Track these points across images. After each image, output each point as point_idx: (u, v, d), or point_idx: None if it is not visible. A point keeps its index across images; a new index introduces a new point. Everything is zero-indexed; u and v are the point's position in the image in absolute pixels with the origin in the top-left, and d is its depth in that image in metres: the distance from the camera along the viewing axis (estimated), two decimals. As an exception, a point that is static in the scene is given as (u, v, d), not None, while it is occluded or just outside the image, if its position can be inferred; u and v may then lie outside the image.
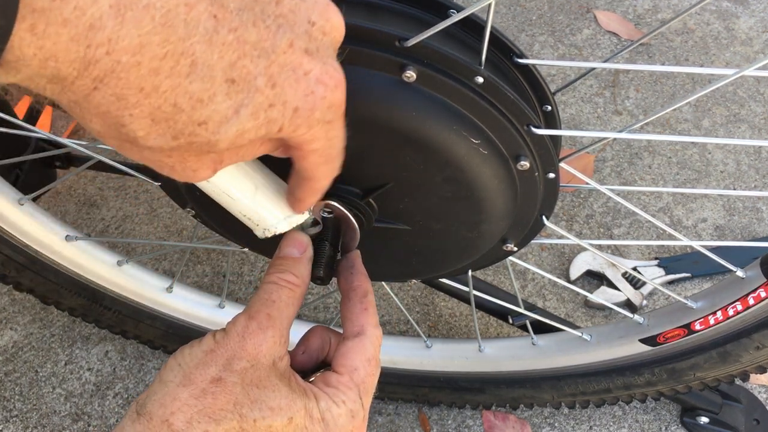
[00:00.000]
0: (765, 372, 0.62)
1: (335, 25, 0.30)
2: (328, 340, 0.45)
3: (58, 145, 0.83)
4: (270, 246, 0.56)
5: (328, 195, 0.45)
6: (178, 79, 0.25)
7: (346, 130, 0.34)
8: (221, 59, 0.26)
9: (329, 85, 0.29)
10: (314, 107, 0.29)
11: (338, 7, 0.30)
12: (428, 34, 0.37)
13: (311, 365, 0.44)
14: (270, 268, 0.41)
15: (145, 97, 0.25)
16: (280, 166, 0.38)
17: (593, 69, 0.53)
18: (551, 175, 0.46)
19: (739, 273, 0.57)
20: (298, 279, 0.41)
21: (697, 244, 0.56)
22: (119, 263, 0.75)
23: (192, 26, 0.25)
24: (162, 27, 0.24)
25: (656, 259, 1.06)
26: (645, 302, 1.00)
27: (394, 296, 0.78)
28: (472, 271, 0.62)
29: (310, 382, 0.40)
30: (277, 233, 0.42)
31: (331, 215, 0.45)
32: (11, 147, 0.84)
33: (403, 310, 0.80)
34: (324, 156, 0.33)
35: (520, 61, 0.45)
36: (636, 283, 1.01)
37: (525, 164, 0.44)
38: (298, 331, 0.49)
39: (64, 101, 0.26)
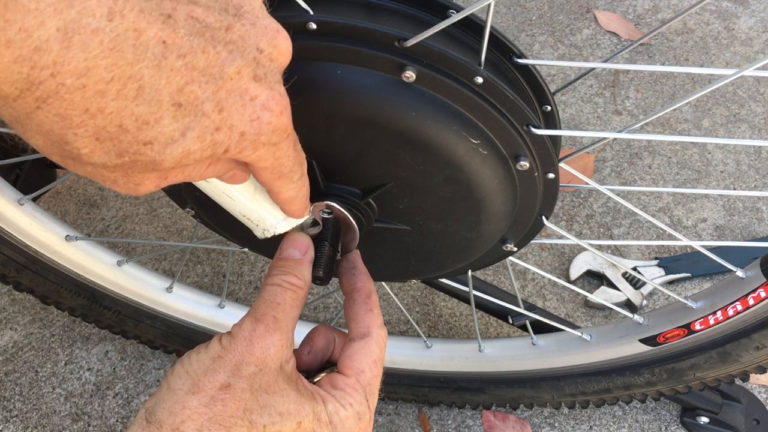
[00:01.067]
0: (765, 372, 0.62)
1: (282, 51, 0.30)
2: (333, 339, 0.45)
3: (58, 145, 0.82)
4: (270, 246, 0.56)
5: (328, 195, 0.45)
6: (124, 102, 0.25)
7: (299, 147, 0.35)
8: (169, 84, 0.26)
9: (275, 111, 0.30)
10: (260, 132, 0.30)
11: (288, 33, 0.31)
12: (428, 35, 0.37)
13: (316, 365, 0.44)
14: (271, 270, 0.41)
15: (90, 118, 0.25)
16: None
17: (593, 69, 0.53)
18: (551, 175, 0.46)
19: (739, 273, 0.57)
20: (300, 281, 0.41)
21: (697, 244, 0.56)
22: (119, 263, 0.75)
23: (141, 51, 0.25)
24: (110, 51, 0.24)
25: (656, 259, 1.06)
26: (645, 302, 1.00)
27: (394, 296, 0.78)
28: (472, 271, 0.62)
29: (315, 383, 0.41)
30: (276, 233, 0.42)
31: (330, 215, 0.45)
32: (11, 147, 0.84)
33: (403, 310, 0.80)
34: (276, 173, 0.34)
35: (520, 61, 0.45)
36: (636, 283, 1.01)
37: (525, 164, 0.44)
38: (299, 331, 0.49)
39: (4, 116, 0.25)
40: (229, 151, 0.30)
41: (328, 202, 0.44)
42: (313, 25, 0.38)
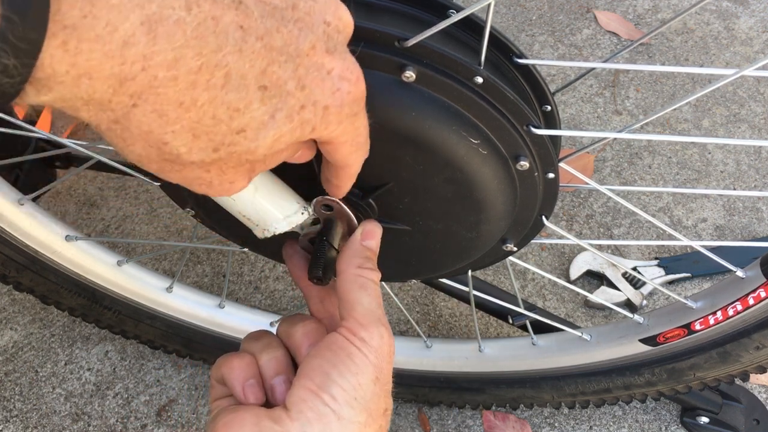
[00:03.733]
0: (765, 372, 0.62)
1: (347, 22, 0.31)
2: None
3: (58, 145, 0.83)
4: (269, 246, 0.56)
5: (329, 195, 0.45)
6: (214, 92, 0.26)
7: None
8: (252, 67, 0.26)
9: (352, 80, 0.30)
10: (342, 103, 0.30)
11: (346, 5, 0.31)
12: (428, 34, 0.37)
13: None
14: (363, 261, 0.42)
15: (185, 112, 0.25)
16: (279, 166, 0.38)
17: (593, 69, 0.53)
18: (551, 175, 0.46)
19: (739, 273, 0.57)
20: (379, 274, 0.42)
21: (697, 244, 0.56)
22: (119, 263, 0.75)
23: (222, 38, 0.25)
24: (194, 40, 0.24)
25: (656, 259, 1.06)
26: (645, 302, 1.00)
27: (394, 296, 0.78)
28: (472, 271, 0.62)
29: None
30: (276, 233, 0.42)
31: (331, 212, 0.45)
32: (11, 147, 0.84)
33: (403, 310, 0.80)
34: (354, 145, 0.34)
35: (520, 61, 0.45)
36: (636, 283, 1.01)
37: (525, 164, 0.44)
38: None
39: (103, 123, 0.25)
40: (316, 129, 0.30)
41: (330, 198, 0.44)
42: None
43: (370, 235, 0.44)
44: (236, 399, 0.41)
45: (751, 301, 0.56)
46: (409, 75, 0.39)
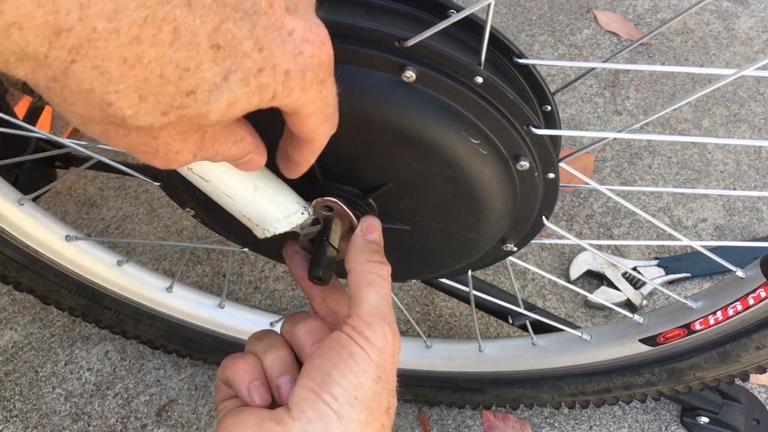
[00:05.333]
0: (765, 372, 0.62)
1: None
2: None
3: (58, 145, 0.83)
4: (270, 246, 0.55)
5: (328, 194, 0.45)
6: (161, 48, 0.24)
7: (338, 95, 0.33)
8: (204, 24, 0.24)
9: (315, 43, 0.28)
10: (305, 68, 0.28)
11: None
12: (428, 34, 0.37)
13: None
14: (371, 254, 0.41)
15: (130, 69, 0.24)
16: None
17: (593, 69, 0.53)
18: (551, 175, 0.46)
19: (739, 273, 0.57)
20: (390, 268, 0.41)
21: (697, 244, 0.56)
22: (119, 263, 0.75)
23: None
24: None
25: (656, 259, 1.06)
26: (645, 302, 1.00)
27: (394, 296, 0.78)
28: (471, 271, 0.62)
29: None
30: (276, 233, 0.42)
31: (331, 212, 0.45)
32: (11, 147, 0.84)
33: (403, 310, 0.80)
34: (322, 116, 0.32)
35: (520, 61, 0.45)
36: (636, 283, 1.01)
37: (525, 164, 0.44)
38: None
39: (41, 81, 0.24)
40: (277, 96, 0.28)
41: (331, 198, 0.44)
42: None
43: (371, 229, 0.43)
44: (242, 400, 0.41)
45: (751, 301, 0.56)
46: (409, 75, 0.39)
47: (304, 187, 0.43)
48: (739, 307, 0.58)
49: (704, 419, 0.87)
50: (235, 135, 0.31)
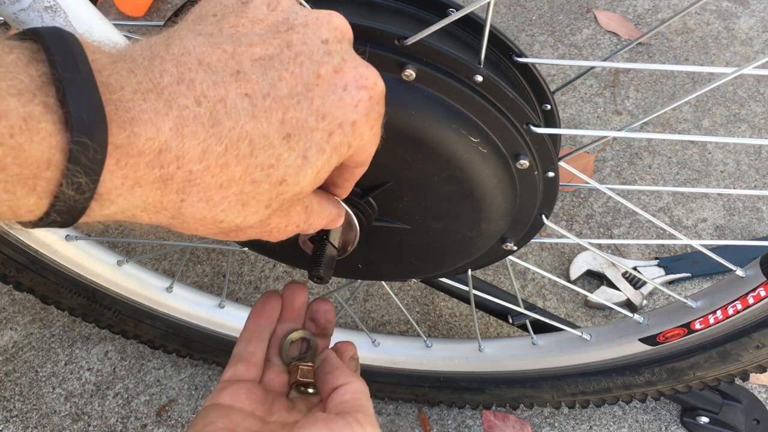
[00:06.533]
0: (765, 371, 0.62)
1: (343, 29, 0.31)
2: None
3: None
4: (269, 246, 0.55)
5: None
6: (245, 161, 0.27)
7: None
8: (270, 124, 0.28)
9: (368, 86, 0.30)
10: (368, 111, 0.30)
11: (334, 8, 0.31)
12: (427, 33, 0.37)
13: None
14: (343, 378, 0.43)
15: (227, 190, 0.28)
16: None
17: (593, 68, 0.53)
18: (551, 174, 0.46)
19: (739, 272, 0.57)
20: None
21: (697, 244, 0.56)
22: (119, 263, 0.75)
23: (233, 113, 0.27)
24: (213, 128, 0.26)
25: (656, 258, 1.06)
26: (645, 302, 1.00)
27: (394, 296, 0.78)
28: (471, 270, 0.62)
29: None
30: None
31: None
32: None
33: (403, 310, 0.80)
34: (376, 143, 0.34)
35: (520, 60, 0.45)
36: (636, 283, 1.01)
37: (524, 163, 0.44)
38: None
39: (164, 221, 0.28)
40: (352, 146, 0.31)
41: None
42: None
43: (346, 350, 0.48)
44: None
45: (750, 301, 0.56)
46: (409, 73, 0.39)
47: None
48: (739, 307, 0.58)
49: (704, 419, 0.87)
50: (328, 201, 0.36)
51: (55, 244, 0.69)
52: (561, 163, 0.47)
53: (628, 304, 1.00)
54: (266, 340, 0.47)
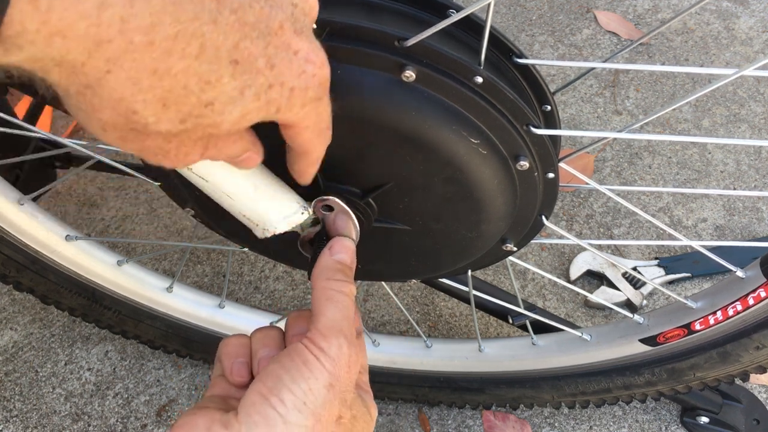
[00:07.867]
0: (765, 372, 0.62)
1: (312, 5, 0.31)
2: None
3: (58, 145, 0.83)
4: (270, 246, 0.55)
5: (328, 194, 0.45)
6: (189, 61, 0.25)
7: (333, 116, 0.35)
8: (226, 40, 0.26)
9: (317, 63, 0.30)
10: (307, 86, 0.30)
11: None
12: (427, 34, 0.37)
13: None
14: (333, 273, 0.41)
15: (159, 80, 0.25)
16: (278, 164, 0.38)
17: (593, 69, 0.53)
18: (551, 175, 0.46)
19: (739, 273, 0.57)
20: (354, 287, 0.41)
21: (697, 244, 0.56)
22: (119, 263, 0.75)
23: (198, 6, 0.25)
24: (171, 6, 0.24)
25: (656, 259, 1.06)
26: (645, 302, 1.00)
27: (394, 296, 0.78)
28: (471, 271, 0.62)
29: None
30: (276, 233, 0.42)
31: (331, 212, 0.45)
32: (11, 147, 0.84)
33: (403, 310, 0.80)
34: (316, 131, 0.34)
35: (520, 61, 0.45)
36: (636, 283, 1.01)
37: (524, 164, 0.44)
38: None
39: (73, 86, 0.25)
40: (281, 110, 0.30)
41: (331, 198, 0.44)
42: (313, 25, 0.38)
43: (341, 249, 0.43)
44: (225, 377, 0.42)
45: (751, 301, 0.56)
46: (409, 75, 0.39)
47: (304, 187, 0.43)
48: (739, 307, 0.58)
49: (704, 419, 0.87)
50: (235, 135, 0.32)
51: (55, 244, 0.69)
52: (561, 164, 0.47)
53: (628, 305, 1.00)
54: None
